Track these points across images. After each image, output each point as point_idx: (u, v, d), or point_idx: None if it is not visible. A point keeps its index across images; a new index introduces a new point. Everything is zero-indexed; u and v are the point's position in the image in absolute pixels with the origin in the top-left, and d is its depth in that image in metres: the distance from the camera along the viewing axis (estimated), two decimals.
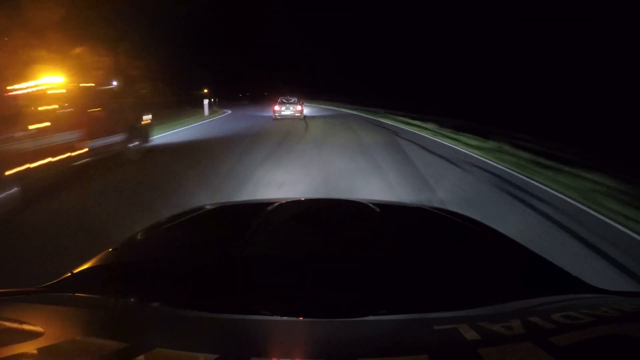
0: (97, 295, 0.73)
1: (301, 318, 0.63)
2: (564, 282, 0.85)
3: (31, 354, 0.49)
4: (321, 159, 6.90)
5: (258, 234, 1.04)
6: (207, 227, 1.23)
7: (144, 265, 0.90)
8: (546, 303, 0.70)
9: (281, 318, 0.64)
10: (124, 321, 0.62)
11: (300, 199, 1.78)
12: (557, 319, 0.56)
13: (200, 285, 0.77)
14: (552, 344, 0.48)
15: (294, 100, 15.93)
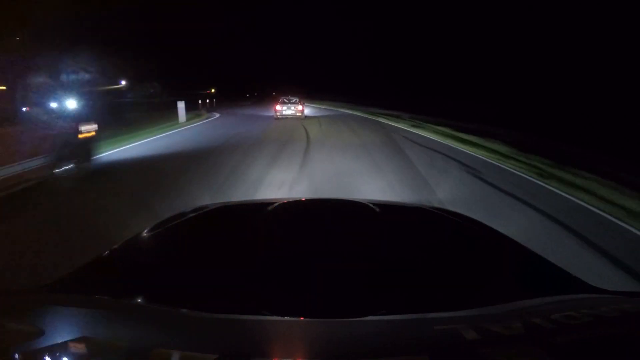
0: (97, 295, 0.73)
1: (301, 318, 0.63)
2: (564, 282, 0.85)
3: (31, 354, 0.49)
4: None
5: (258, 234, 1.04)
6: (208, 227, 1.23)
7: (144, 265, 0.90)
8: (546, 303, 0.70)
9: (281, 318, 0.64)
10: (124, 321, 0.62)
11: (300, 199, 1.79)
12: (557, 319, 0.56)
13: (200, 285, 0.77)
14: (552, 344, 0.48)
15: (295, 100, 15.93)
